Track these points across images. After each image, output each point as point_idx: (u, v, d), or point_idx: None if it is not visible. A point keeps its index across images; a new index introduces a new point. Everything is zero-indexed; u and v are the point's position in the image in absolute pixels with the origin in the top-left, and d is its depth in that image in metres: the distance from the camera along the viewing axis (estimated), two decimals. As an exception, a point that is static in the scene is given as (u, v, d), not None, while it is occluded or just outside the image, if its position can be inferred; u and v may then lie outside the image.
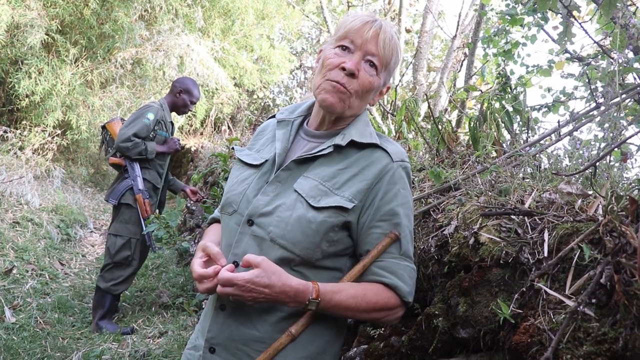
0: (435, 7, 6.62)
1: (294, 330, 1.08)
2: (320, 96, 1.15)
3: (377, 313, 1.12)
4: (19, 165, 6.54)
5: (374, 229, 1.12)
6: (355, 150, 1.16)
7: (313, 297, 1.03)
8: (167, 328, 3.58)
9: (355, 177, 1.13)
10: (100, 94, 7.38)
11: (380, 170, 1.13)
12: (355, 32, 1.13)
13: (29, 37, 5.98)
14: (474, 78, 4.91)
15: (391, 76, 1.24)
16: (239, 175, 1.24)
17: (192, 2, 7.74)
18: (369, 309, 1.09)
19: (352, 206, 1.10)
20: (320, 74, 1.17)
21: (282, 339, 1.08)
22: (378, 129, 3.77)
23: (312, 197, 1.10)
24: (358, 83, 1.13)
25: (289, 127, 1.26)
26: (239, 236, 1.14)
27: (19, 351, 2.99)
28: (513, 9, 3.22)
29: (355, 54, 1.13)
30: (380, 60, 1.15)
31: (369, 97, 1.19)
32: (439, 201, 1.93)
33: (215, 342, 1.14)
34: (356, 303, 1.07)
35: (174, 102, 3.91)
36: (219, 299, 1.15)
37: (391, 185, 1.13)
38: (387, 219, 1.12)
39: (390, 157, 1.15)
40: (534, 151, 2.02)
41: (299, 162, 1.16)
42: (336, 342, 1.19)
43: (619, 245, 1.06)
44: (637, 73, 2.27)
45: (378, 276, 1.11)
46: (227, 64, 8.70)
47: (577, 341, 1.00)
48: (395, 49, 1.17)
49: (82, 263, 5.29)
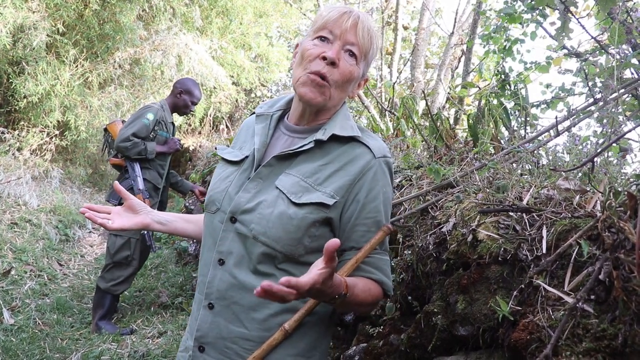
0: (433, 4, 6.61)
1: (287, 326, 1.06)
2: (300, 89, 1.15)
3: (371, 307, 1.16)
4: (16, 166, 6.52)
5: (358, 226, 1.12)
6: (336, 144, 1.17)
7: (345, 292, 1.01)
8: (166, 328, 3.58)
9: (337, 172, 1.13)
10: (99, 94, 7.36)
11: (362, 167, 1.14)
12: (334, 22, 1.14)
13: (34, 40, 5.99)
14: (471, 75, 4.91)
15: (369, 67, 1.25)
16: (221, 173, 1.25)
17: (189, 2, 7.73)
18: (369, 302, 1.12)
19: (334, 202, 1.10)
20: (300, 66, 1.17)
21: (277, 335, 1.07)
22: (376, 127, 3.76)
23: (293, 193, 1.11)
24: (339, 72, 1.14)
25: (267, 121, 1.26)
26: (223, 234, 1.15)
27: (18, 352, 2.98)
28: (512, 7, 3.22)
29: (334, 43, 1.14)
30: (360, 50, 1.16)
31: (349, 88, 1.20)
32: (437, 198, 1.93)
33: (205, 341, 1.15)
34: (365, 297, 1.09)
35: (175, 103, 3.93)
36: (207, 297, 1.15)
37: (374, 182, 1.13)
38: (372, 216, 1.13)
39: (373, 154, 1.15)
40: (532, 147, 2.02)
41: (281, 159, 1.17)
42: (325, 339, 1.19)
43: (617, 241, 1.06)
44: (635, 68, 2.26)
45: (367, 273, 1.13)
46: (225, 62, 8.69)
47: (577, 338, 1.00)
48: (373, 38, 1.18)
49: (81, 263, 5.28)
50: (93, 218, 1.26)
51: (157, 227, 1.34)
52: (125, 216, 1.32)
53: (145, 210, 1.35)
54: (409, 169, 2.41)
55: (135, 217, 1.33)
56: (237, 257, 1.12)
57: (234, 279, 1.12)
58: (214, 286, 1.14)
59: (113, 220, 1.29)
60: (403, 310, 1.85)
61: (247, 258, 1.11)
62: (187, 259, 5.14)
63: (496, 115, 2.47)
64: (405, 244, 1.94)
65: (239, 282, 1.11)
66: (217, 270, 1.14)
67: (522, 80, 3.01)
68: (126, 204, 1.34)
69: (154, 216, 1.35)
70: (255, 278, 1.10)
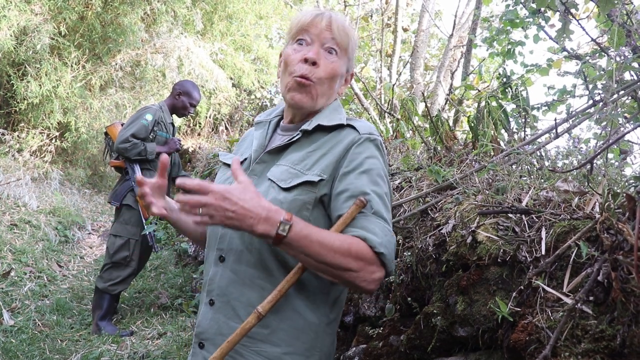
0: (432, 7, 6.63)
1: (261, 309, 1.04)
2: (288, 95, 1.20)
3: (354, 261, 1.01)
4: (16, 167, 6.52)
5: (341, 194, 1.11)
6: (323, 133, 1.20)
7: (286, 217, 0.98)
8: (166, 329, 3.57)
9: (324, 156, 1.16)
10: (100, 96, 7.37)
11: (347, 144, 1.16)
12: (309, 25, 1.20)
13: (38, 43, 6.00)
14: (471, 77, 4.92)
15: (352, 62, 1.29)
16: (221, 177, 1.30)
17: (191, 5, 7.74)
18: (343, 250, 1.01)
19: (319, 179, 1.12)
20: (285, 73, 1.21)
21: (250, 319, 1.04)
22: (376, 128, 3.76)
23: (282, 180, 1.13)
24: (322, 70, 1.18)
25: (265, 127, 1.31)
26: (222, 231, 1.18)
27: (18, 354, 2.98)
28: (514, 11, 3.22)
29: (313, 44, 1.19)
30: (338, 44, 1.20)
31: (335, 84, 1.23)
32: (436, 200, 1.93)
33: (204, 337, 1.16)
34: (330, 239, 1.01)
35: (174, 105, 3.95)
36: (208, 294, 1.17)
37: (356, 154, 1.14)
38: (353, 182, 1.11)
39: (358, 132, 1.18)
40: (531, 149, 2.02)
41: (272, 153, 1.21)
42: (326, 338, 1.18)
43: (616, 242, 1.06)
44: (634, 71, 2.26)
45: (347, 233, 1.07)
46: (226, 64, 8.70)
47: (575, 339, 1.00)
48: (349, 33, 1.23)
49: (81, 265, 5.28)
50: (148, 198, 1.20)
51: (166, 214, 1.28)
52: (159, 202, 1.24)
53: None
54: (408, 171, 2.41)
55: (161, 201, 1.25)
56: (237, 252, 1.14)
57: (234, 274, 1.14)
58: (215, 283, 1.16)
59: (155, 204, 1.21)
60: (403, 311, 1.85)
61: (247, 252, 1.13)
62: (187, 260, 5.14)
63: (496, 117, 2.47)
64: (405, 245, 1.94)
65: (239, 278, 1.13)
66: (219, 267, 1.17)
67: (523, 83, 3.01)
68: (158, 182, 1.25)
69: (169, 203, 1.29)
70: (256, 272, 1.12)
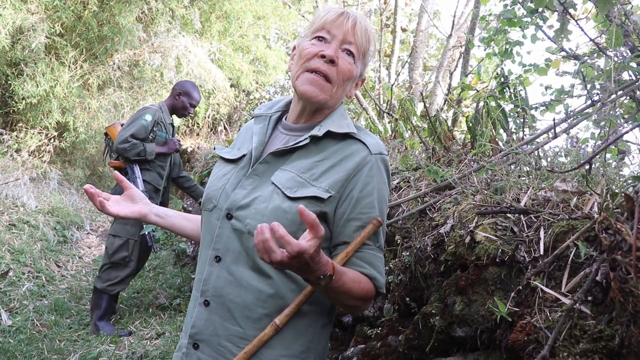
0: (431, 7, 6.63)
1: (278, 322, 1.06)
2: (301, 88, 1.16)
3: (362, 301, 1.12)
4: (14, 167, 6.51)
5: (352, 221, 1.12)
6: (332, 141, 1.17)
7: (330, 273, 0.98)
8: (164, 329, 3.57)
9: (333, 168, 1.14)
10: (98, 96, 7.36)
11: (358, 163, 1.14)
12: (331, 23, 1.16)
13: (33, 42, 5.99)
14: (469, 77, 4.92)
15: (366, 67, 1.27)
16: (218, 172, 1.26)
17: (189, 4, 7.73)
18: (360, 295, 1.09)
19: (328, 196, 1.10)
20: (297, 64, 1.18)
21: (267, 331, 1.06)
22: (374, 128, 3.76)
23: (288, 188, 1.11)
24: (338, 70, 1.15)
25: (266, 122, 1.27)
26: (219, 231, 1.15)
27: (16, 354, 2.98)
28: (511, 11, 3.22)
29: (332, 43, 1.16)
30: (358, 49, 1.17)
31: (347, 86, 1.21)
32: (434, 200, 1.93)
33: (199, 338, 1.14)
34: (353, 288, 1.07)
35: (174, 105, 3.95)
36: (203, 295, 1.15)
37: (370, 177, 1.13)
38: (366, 212, 1.12)
39: (369, 150, 1.16)
40: (530, 149, 2.02)
41: (277, 155, 1.18)
42: (321, 340, 1.18)
43: (614, 242, 1.06)
44: (632, 71, 2.27)
45: (358, 267, 1.11)
46: (224, 65, 8.69)
47: (574, 339, 1.00)
48: (370, 38, 1.20)
49: (79, 265, 5.27)
50: (94, 196, 1.22)
51: (154, 219, 1.32)
52: (123, 204, 1.30)
53: (144, 201, 1.33)
54: (407, 171, 2.41)
55: (134, 206, 1.31)
56: (235, 253, 1.13)
57: (231, 275, 1.12)
58: (210, 283, 1.14)
59: (110, 206, 1.26)
60: (401, 311, 1.85)
61: (245, 254, 1.11)
62: (185, 260, 5.14)
63: (494, 117, 2.47)
64: (403, 245, 1.94)
65: (236, 279, 1.11)
66: (214, 268, 1.15)
67: (521, 83, 3.01)
68: (126, 194, 1.32)
69: (152, 208, 1.33)
70: (253, 274, 1.11)
